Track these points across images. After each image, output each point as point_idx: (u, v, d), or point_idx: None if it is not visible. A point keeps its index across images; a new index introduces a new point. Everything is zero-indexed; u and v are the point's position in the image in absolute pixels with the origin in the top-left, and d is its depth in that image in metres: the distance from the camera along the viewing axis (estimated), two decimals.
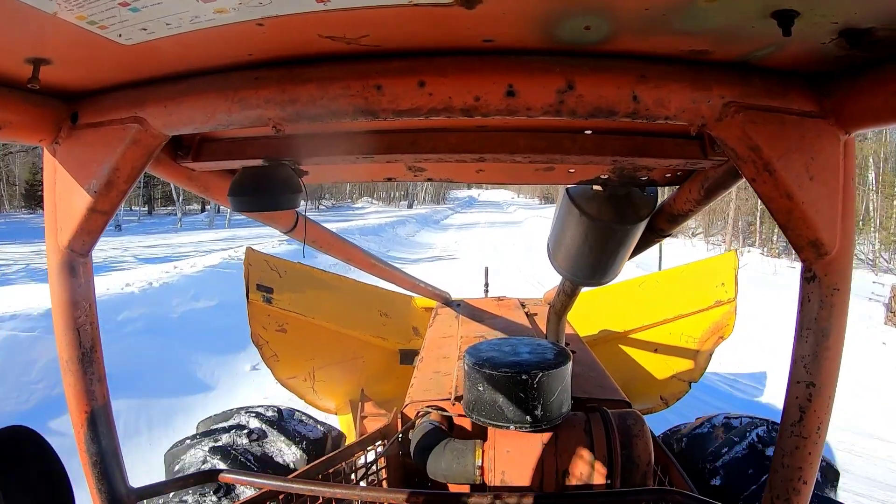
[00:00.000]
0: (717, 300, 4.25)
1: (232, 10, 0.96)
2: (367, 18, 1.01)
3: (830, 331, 1.29)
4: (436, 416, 2.33)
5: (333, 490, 1.93)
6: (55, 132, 1.42)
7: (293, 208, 1.96)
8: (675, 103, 1.19)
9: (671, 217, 2.25)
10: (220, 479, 2.04)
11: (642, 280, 4.78)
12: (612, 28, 1.05)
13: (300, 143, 1.85)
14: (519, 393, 2.00)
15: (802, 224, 1.23)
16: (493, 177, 2.22)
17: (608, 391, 2.64)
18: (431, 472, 2.15)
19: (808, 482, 1.38)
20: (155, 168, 1.83)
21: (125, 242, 20.00)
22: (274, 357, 4.01)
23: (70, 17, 0.96)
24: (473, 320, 4.00)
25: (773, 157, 1.19)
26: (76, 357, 1.54)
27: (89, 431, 1.58)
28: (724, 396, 6.70)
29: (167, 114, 1.34)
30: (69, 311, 1.53)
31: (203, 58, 1.23)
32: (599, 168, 1.99)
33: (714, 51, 1.13)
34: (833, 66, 1.16)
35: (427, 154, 1.81)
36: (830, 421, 1.35)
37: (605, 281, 2.54)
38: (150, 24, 1.01)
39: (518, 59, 1.18)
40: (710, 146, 1.75)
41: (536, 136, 1.76)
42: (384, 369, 4.54)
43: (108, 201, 1.44)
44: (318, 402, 4.46)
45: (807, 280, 1.29)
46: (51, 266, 1.52)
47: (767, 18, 0.95)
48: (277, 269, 4.08)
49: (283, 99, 1.25)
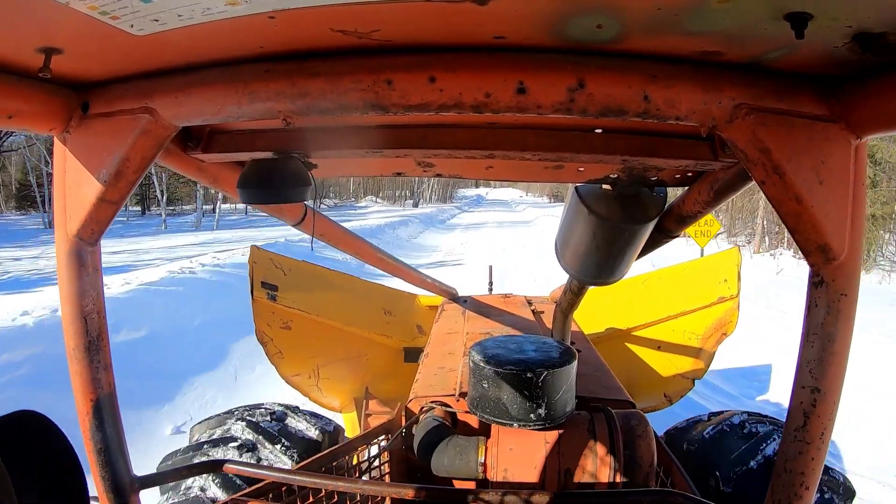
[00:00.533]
0: (720, 296, 4.23)
1: (244, 2, 0.96)
2: (378, 13, 1.01)
3: (837, 336, 1.28)
4: (440, 411, 2.34)
5: (336, 483, 1.94)
6: (66, 121, 1.42)
7: (301, 201, 1.97)
8: (685, 104, 1.19)
9: (680, 218, 2.24)
10: (223, 470, 2.05)
11: (646, 277, 4.75)
12: (624, 27, 1.05)
13: (310, 136, 1.85)
14: (523, 391, 1.99)
15: (811, 228, 1.22)
16: (503, 174, 2.22)
17: (612, 391, 2.63)
18: (434, 467, 2.16)
19: (811, 488, 1.37)
20: (165, 159, 1.84)
21: None
22: (278, 354, 4.03)
23: (82, 7, 0.96)
24: (480, 317, 3.99)
25: (782, 160, 1.18)
26: (83, 345, 1.55)
27: (94, 419, 1.59)
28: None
29: (178, 105, 1.35)
30: (77, 299, 1.53)
31: (214, 50, 1.23)
32: (609, 167, 1.99)
33: (725, 52, 1.12)
34: (845, 69, 1.15)
35: (436, 150, 1.81)
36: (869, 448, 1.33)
37: (612, 280, 2.53)
38: (162, 15, 1.01)
39: (529, 56, 1.17)
40: (720, 148, 1.73)
41: (546, 134, 1.75)
42: (388, 367, 4.54)
43: (117, 191, 1.45)
44: (323, 400, 4.47)
45: (814, 285, 1.28)
46: (59, 254, 1.53)
47: (780, 20, 0.94)
48: (282, 266, 4.09)
49: (294, 92, 1.25)
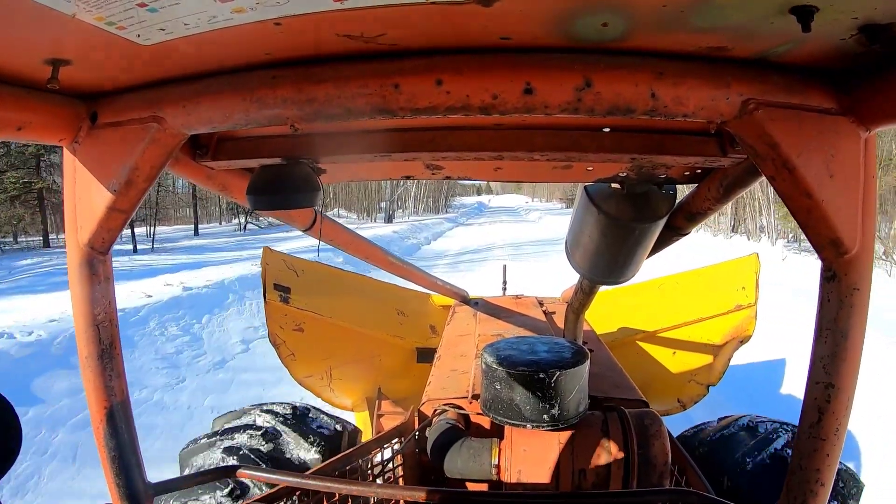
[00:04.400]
0: (737, 304, 4.18)
1: (249, 9, 0.96)
2: (384, 17, 1.01)
3: (850, 331, 1.27)
4: (453, 414, 2.34)
5: (350, 487, 1.94)
6: (75, 132, 1.44)
7: (311, 207, 1.98)
8: (693, 101, 1.18)
9: (690, 215, 2.23)
10: (237, 476, 2.06)
11: (662, 281, 4.72)
12: (630, 25, 1.04)
13: (318, 141, 1.86)
14: (536, 392, 1.99)
15: (822, 223, 1.21)
16: (512, 175, 2.22)
17: (625, 390, 2.62)
18: (448, 470, 2.16)
19: (826, 485, 1.36)
20: (174, 167, 1.85)
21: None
22: (291, 356, 4.04)
23: (89, 18, 0.97)
24: (491, 318, 3.99)
25: (792, 155, 1.17)
26: (95, 353, 1.57)
27: (108, 427, 1.60)
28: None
29: (185, 113, 1.35)
30: (89, 308, 1.55)
31: (221, 57, 1.24)
32: (618, 166, 1.98)
33: (732, 48, 1.12)
34: (853, 62, 1.14)
35: (445, 152, 1.81)
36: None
37: (623, 280, 2.52)
38: (168, 25, 1.02)
39: (535, 56, 1.17)
40: (729, 144, 1.73)
41: (554, 134, 1.75)
42: (401, 367, 4.55)
43: (127, 200, 1.46)
44: (335, 400, 4.48)
45: (826, 280, 1.27)
46: (71, 264, 1.55)
47: (786, 14, 0.94)
48: (295, 268, 4.10)
49: (301, 98, 1.25)
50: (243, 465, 2.11)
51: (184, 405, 6.64)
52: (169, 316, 8.91)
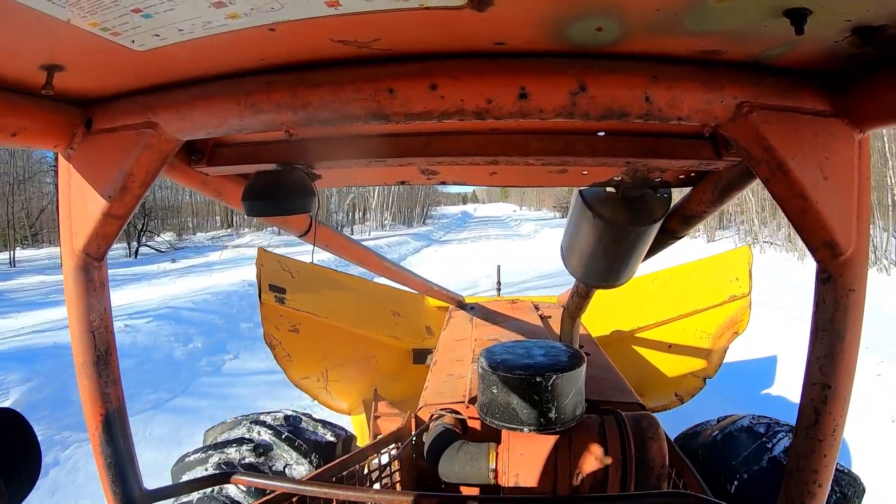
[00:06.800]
0: (731, 295, 4.22)
1: (244, 15, 0.96)
2: (378, 22, 1.01)
3: (846, 332, 1.27)
4: (449, 418, 2.33)
5: (347, 493, 1.93)
6: (70, 138, 1.43)
7: (307, 212, 1.97)
8: (687, 104, 1.18)
9: (685, 218, 2.24)
10: (232, 482, 2.05)
11: (655, 276, 4.74)
12: (624, 29, 1.05)
13: (313, 146, 1.86)
14: (533, 395, 1.99)
15: (817, 224, 1.21)
16: (507, 179, 2.22)
17: (622, 393, 2.62)
18: (445, 474, 2.15)
19: (824, 485, 1.36)
20: (169, 173, 1.85)
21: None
22: (287, 357, 4.02)
23: (83, 23, 0.97)
24: (487, 323, 3.99)
25: (786, 157, 1.17)
26: (91, 360, 1.56)
27: (104, 434, 1.59)
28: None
29: (180, 119, 1.35)
30: (84, 314, 1.54)
31: (215, 63, 1.23)
32: (613, 170, 1.98)
33: (726, 51, 1.12)
34: (846, 64, 1.15)
35: (440, 157, 1.81)
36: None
37: (619, 283, 2.52)
38: (162, 31, 1.02)
39: (530, 61, 1.17)
40: (723, 147, 1.73)
41: (549, 139, 1.75)
42: (397, 369, 4.54)
43: (122, 206, 1.46)
44: (332, 403, 4.46)
45: (822, 281, 1.28)
46: (66, 270, 1.54)
47: (779, 17, 0.94)
48: (290, 269, 4.08)
49: (296, 103, 1.25)
50: (238, 471, 2.10)
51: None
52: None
